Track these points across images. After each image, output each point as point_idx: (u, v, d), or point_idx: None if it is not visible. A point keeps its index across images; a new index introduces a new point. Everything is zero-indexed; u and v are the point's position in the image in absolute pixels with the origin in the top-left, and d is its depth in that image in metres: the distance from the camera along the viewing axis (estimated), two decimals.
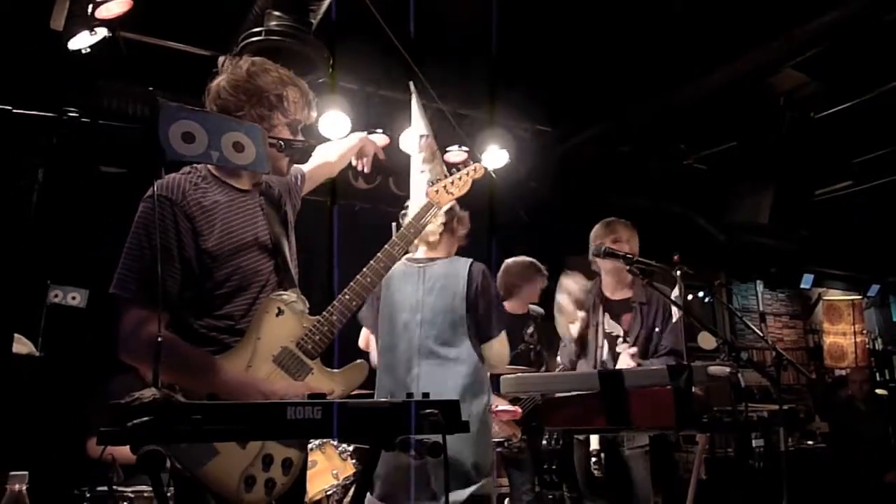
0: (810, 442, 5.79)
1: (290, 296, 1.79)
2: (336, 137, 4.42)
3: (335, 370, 1.84)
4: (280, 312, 1.75)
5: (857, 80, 4.55)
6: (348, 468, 3.61)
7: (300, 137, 1.89)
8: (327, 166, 2.31)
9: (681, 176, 6.03)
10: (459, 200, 2.65)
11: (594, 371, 2.08)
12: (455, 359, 2.51)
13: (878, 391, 5.89)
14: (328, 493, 3.51)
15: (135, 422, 1.10)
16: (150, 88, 3.36)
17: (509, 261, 4.02)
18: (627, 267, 2.69)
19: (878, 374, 8.02)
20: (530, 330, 3.87)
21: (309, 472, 3.48)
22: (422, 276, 2.63)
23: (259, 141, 1.50)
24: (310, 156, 2.17)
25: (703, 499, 3.08)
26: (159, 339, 1.33)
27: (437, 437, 1.31)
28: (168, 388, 1.21)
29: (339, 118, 4.34)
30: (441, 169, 2.72)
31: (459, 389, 2.46)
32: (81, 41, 3.22)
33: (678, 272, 2.66)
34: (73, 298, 3.81)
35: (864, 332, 8.68)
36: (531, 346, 3.79)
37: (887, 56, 4.22)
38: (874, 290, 9.10)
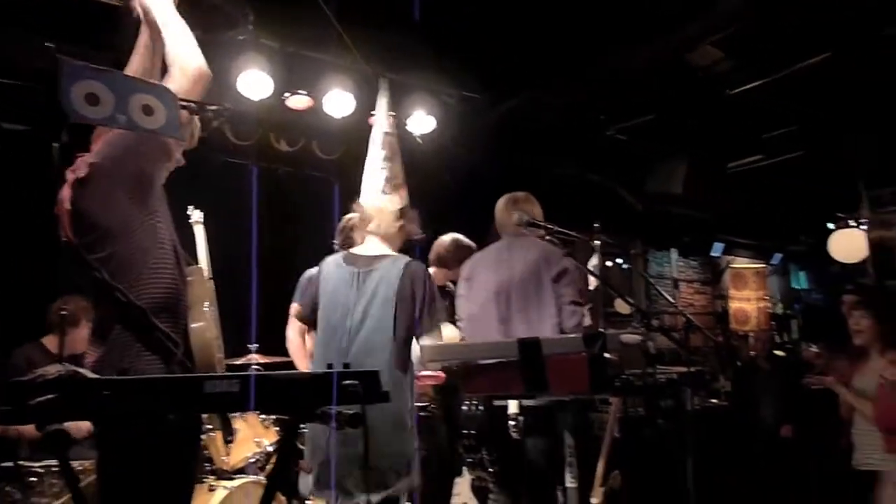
0: (714, 400, 6.19)
1: None
2: (257, 97, 4.28)
3: None
4: None
5: (770, 59, 4.75)
6: (270, 435, 3.59)
7: None
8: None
9: (604, 146, 6.18)
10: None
11: (513, 340, 2.14)
12: (378, 362, 2.44)
13: (777, 352, 6.32)
14: (251, 460, 3.49)
15: (38, 400, 1.05)
16: (51, 45, 3.11)
17: (446, 238, 4.03)
18: (548, 237, 2.75)
19: (777, 336, 8.61)
20: (446, 303, 3.93)
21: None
22: (356, 281, 2.57)
23: (170, 104, 1.42)
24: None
25: (615, 455, 3.25)
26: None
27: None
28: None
29: (260, 77, 4.21)
30: (400, 169, 2.70)
31: None
32: None
33: (597, 242, 2.75)
34: None
35: (767, 297, 9.29)
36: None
37: (799, 37, 4.43)
38: (777, 258, 9.74)
